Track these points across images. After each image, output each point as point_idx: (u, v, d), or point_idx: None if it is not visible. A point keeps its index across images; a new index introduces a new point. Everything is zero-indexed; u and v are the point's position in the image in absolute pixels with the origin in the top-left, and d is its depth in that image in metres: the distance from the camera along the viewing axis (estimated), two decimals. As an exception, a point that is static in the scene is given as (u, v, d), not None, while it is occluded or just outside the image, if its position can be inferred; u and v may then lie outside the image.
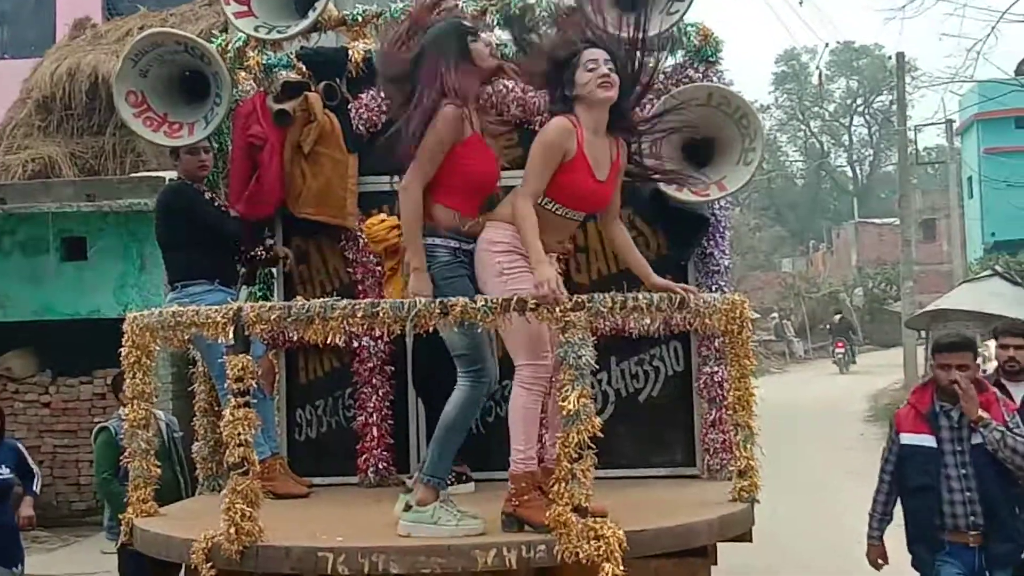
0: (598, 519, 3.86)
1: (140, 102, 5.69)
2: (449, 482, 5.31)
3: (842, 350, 32.74)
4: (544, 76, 4.40)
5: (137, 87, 5.69)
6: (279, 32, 5.64)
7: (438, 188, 4.36)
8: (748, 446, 4.65)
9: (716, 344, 5.48)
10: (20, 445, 7.18)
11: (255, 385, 4.06)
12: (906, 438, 5.14)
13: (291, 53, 5.98)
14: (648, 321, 4.16)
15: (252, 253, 5.81)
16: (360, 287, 5.81)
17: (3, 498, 6.70)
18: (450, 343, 4.30)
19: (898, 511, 5.33)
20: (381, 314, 3.92)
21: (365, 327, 4.12)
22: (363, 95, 5.85)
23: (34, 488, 6.96)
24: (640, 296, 4.04)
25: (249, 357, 4.03)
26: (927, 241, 46.79)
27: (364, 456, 5.70)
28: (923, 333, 21.89)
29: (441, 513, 4.14)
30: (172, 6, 14.19)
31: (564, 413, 3.85)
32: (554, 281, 3.95)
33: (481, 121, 4.53)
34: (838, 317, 37.02)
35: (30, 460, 7.09)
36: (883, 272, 45.19)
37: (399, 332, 4.22)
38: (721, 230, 5.73)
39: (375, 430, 5.69)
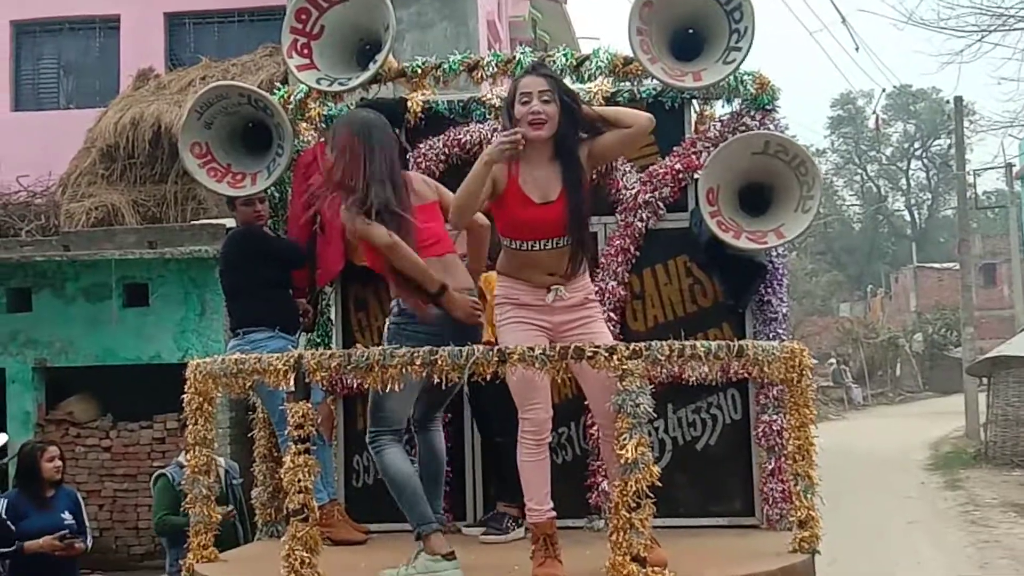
0: (657, 569, 3.84)
1: (204, 153, 5.79)
2: (509, 527, 5.32)
3: None
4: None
5: (202, 139, 5.80)
6: (340, 84, 5.73)
7: None
8: (808, 496, 4.57)
9: (774, 392, 5.43)
10: (79, 496, 7.20)
11: (314, 432, 4.10)
12: None
13: (351, 104, 6.08)
14: (705, 369, 4.14)
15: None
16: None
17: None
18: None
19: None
20: (440, 362, 3.94)
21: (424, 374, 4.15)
22: (421, 145, 5.92)
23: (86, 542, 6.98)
24: (698, 344, 4.03)
25: (309, 404, 4.06)
26: (988, 286, 46.23)
27: (421, 503, 5.68)
28: (984, 380, 21.59)
29: None
30: (233, 56, 14.44)
31: (622, 462, 3.83)
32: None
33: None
34: None
35: (85, 515, 7.12)
36: (943, 317, 44.61)
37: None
38: (779, 277, 5.69)
39: (432, 477, 5.68)
